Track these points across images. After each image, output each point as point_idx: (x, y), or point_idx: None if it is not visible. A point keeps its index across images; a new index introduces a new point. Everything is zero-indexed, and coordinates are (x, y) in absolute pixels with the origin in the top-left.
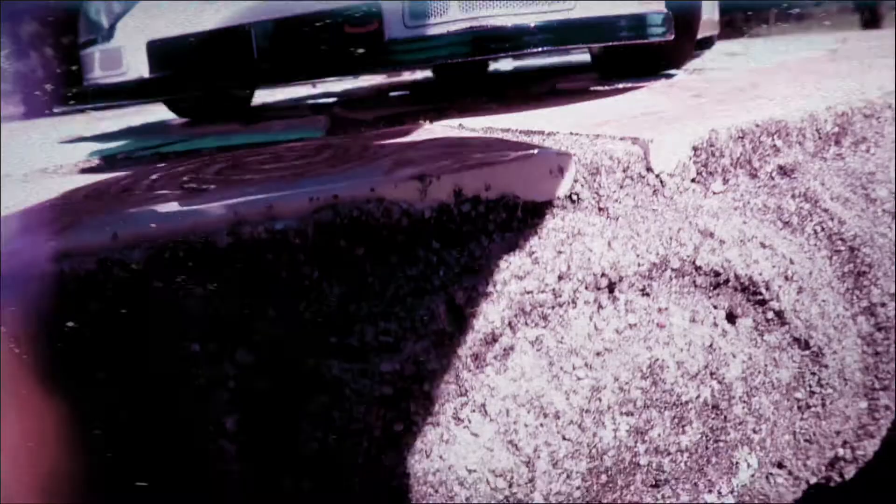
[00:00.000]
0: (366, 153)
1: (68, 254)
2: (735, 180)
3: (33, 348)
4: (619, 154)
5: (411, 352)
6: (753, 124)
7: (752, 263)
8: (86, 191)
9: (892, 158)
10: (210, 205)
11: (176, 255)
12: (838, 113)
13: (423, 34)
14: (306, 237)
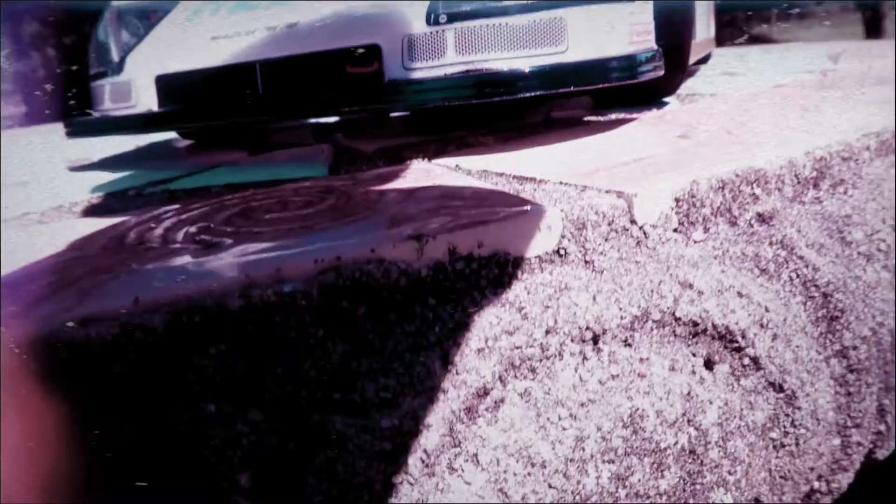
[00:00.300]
0: (367, 201)
1: (94, 318)
2: (715, 228)
3: (54, 410)
4: (604, 208)
5: (409, 407)
6: (733, 174)
7: (728, 313)
8: (104, 240)
9: (868, 200)
10: (222, 264)
11: (192, 319)
12: (816, 158)
13: (422, 76)
14: (312, 299)
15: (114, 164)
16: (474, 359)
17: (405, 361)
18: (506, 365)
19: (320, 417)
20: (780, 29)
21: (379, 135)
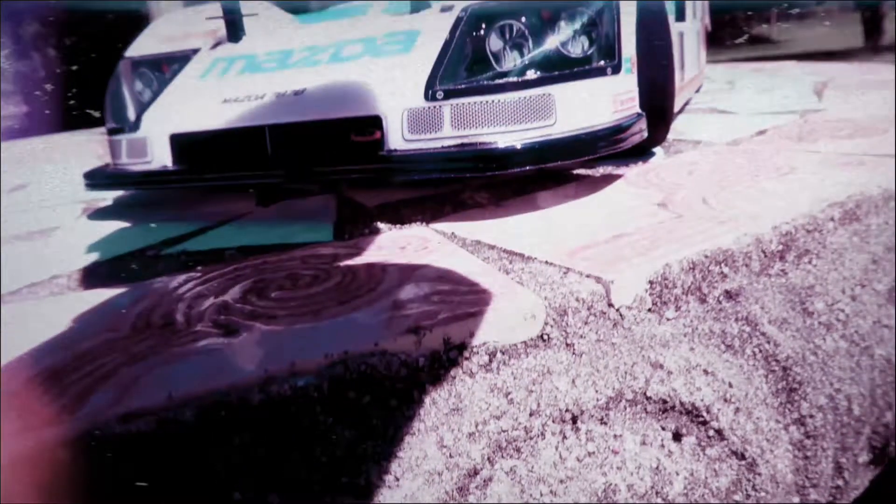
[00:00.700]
0: (370, 279)
1: (134, 415)
2: (686, 306)
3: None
4: (584, 295)
5: (409, 489)
6: (703, 255)
7: (695, 391)
8: (132, 317)
9: (830, 270)
10: (243, 355)
11: (218, 413)
12: (783, 232)
13: (420, 148)
14: (322, 391)
15: (129, 210)
16: (466, 442)
17: (405, 445)
18: (494, 447)
19: (331, 500)
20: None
21: (380, 185)
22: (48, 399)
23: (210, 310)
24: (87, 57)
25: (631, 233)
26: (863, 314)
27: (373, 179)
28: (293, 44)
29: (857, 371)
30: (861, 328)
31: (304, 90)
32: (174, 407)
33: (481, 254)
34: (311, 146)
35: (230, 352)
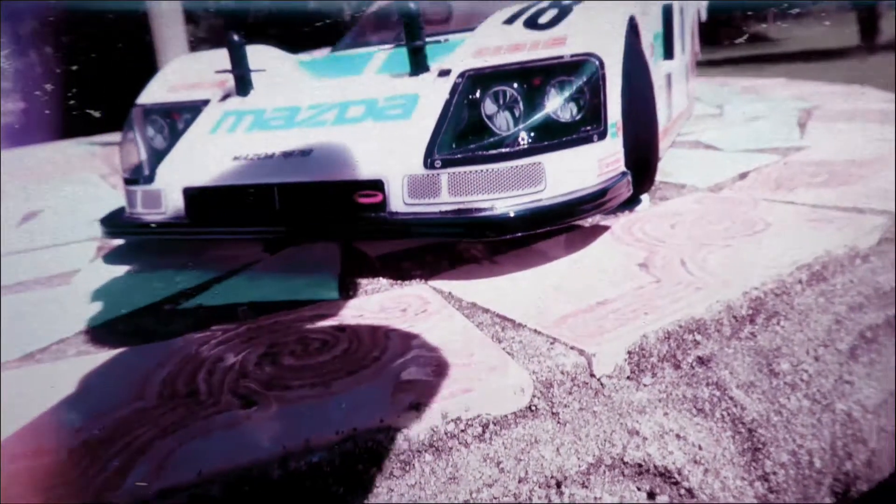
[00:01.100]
0: (374, 347)
1: (169, 491)
2: (661, 373)
3: None
4: (568, 367)
5: None
6: (678, 325)
7: (667, 455)
8: (157, 384)
9: (797, 331)
10: (263, 429)
11: (242, 488)
12: (752, 297)
13: (419, 211)
14: (334, 465)
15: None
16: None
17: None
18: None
19: None
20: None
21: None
22: (90, 470)
23: (229, 378)
24: (87, 57)
25: (613, 299)
26: (825, 373)
27: (375, 236)
28: (300, 100)
29: (819, 426)
30: (823, 386)
31: (312, 151)
32: (204, 483)
33: (476, 318)
34: (318, 205)
35: (251, 426)
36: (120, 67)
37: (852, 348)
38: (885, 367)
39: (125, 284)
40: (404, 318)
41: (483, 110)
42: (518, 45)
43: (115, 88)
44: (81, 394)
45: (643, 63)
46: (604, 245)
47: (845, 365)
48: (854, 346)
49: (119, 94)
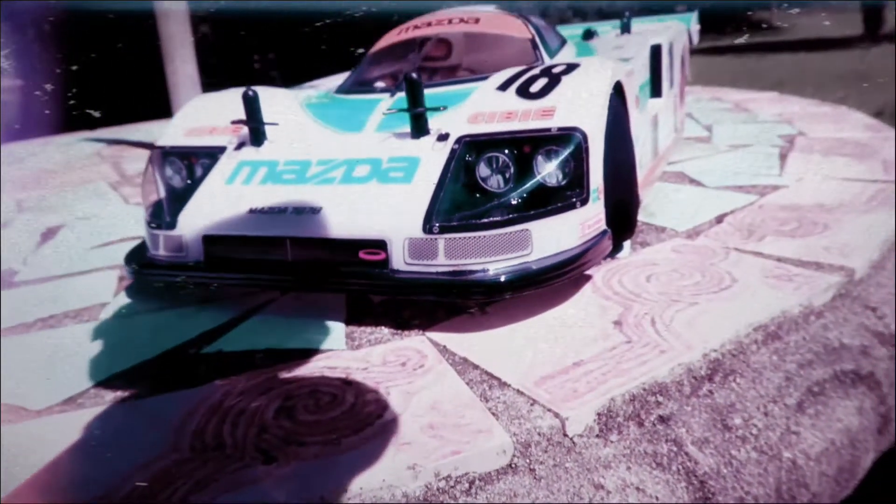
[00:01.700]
0: (377, 403)
1: None
2: (626, 431)
3: None
4: (545, 429)
5: None
6: (642, 388)
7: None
8: (188, 437)
9: (750, 388)
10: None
11: None
12: (711, 359)
13: (418, 272)
14: None
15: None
16: None
17: None
18: None
19: None
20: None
21: None
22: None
23: (251, 433)
24: (87, 56)
25: (588, 360)
26: (773, 426)
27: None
28: (309, 154)
29: (765, 475)
30: (771, 438)
31: (321, 209)
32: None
33: (467, 374)
34: (326, 258)
35: (273, 483)
36: (120, 67)
37: (799, 402)
38: (828, 418)
39: (151, 323)
40: (404, 373)
41: (478, 172)
42: (511, 113)
43: (114, 86)
44: (123, 442)
45: (626, 127)
46: (585, 298)
47: (792, 417)
48: (801, 401)
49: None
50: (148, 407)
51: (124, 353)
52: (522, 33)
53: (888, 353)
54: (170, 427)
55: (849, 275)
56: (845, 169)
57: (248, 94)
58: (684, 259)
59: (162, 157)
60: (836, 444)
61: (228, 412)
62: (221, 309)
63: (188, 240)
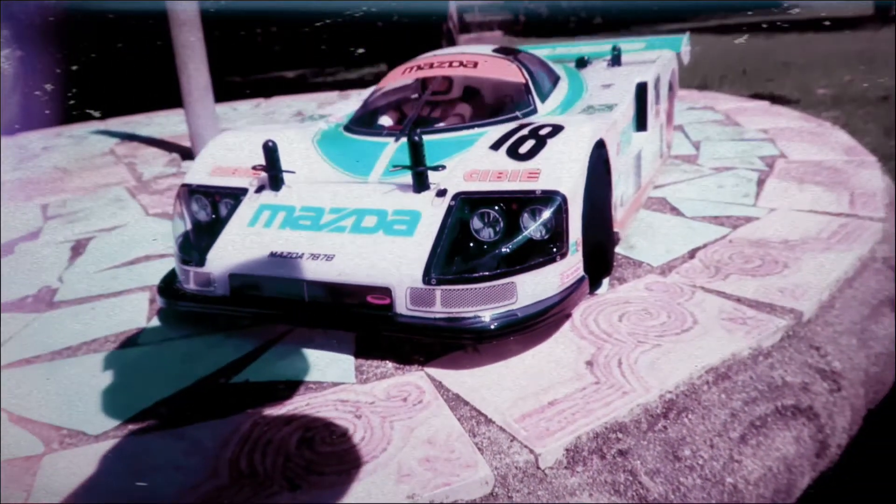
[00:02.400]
0: (384, 440)
1: None
2: (590, 463)
3: None
4: (521, 463)
5: None
6: (604, 427)
7: None
8: (226, 464)
9: (699, 423)
10: None
11: None
12: (666, 400)
13: (418, 316)
14: None
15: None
16: None
17: None
18: None
19: None
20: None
21: None
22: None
23: (279, 461)
24: (87, 57)
25: (561, 400)
26: (717, 457)
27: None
28: (323, 202)
29: (708, 498)
30: (714, 467)
31: (334, 256)
32: None
33: (459, 410)
34: (338, 300)
35: None
36: (120, 66)
37: (742, 435)
38: (768, 447)
39: (183, 350)
40: (405, 408)
41: (472, 225)
42: (501, 172)
43: (122, 77)
44: (170, 466)
45: (606, 178)
46: (564, 337)
47: (735, 448)
48: (744, 433)
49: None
50: (189, 434)
51: (164, 380)
52: (517, 78)
53: (828, 387)
54: (209, 454)
55: (797, 317)
56: (815, 200)
57: (268, 144)
58: (655, 298)
59: (189, 195)
60: (774, 470)
61: (258, 442)
62: (244, 338)
63: (216, 276)
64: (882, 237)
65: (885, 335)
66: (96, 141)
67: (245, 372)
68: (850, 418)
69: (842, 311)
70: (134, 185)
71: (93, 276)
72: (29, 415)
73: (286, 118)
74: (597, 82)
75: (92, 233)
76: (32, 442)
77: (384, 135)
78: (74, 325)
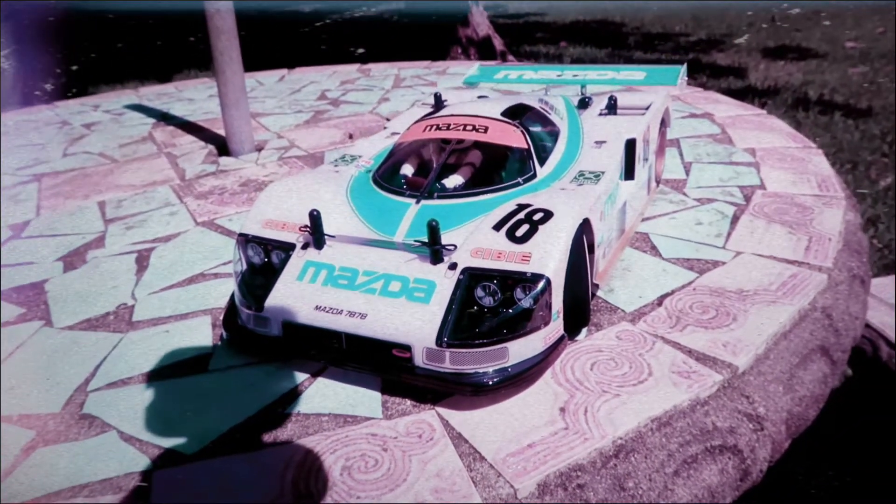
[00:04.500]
0: (403, 474)
1: None
2: (556, 494)
3: None
4: (503, 496)
5: None
6: (567, 467)
7: None
8: (290, 486)
9: (643, 461)
10: None
11: None
12: (617, 444)
13: (432, 370)
14: None
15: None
16: None
17: None
18: None
19: None
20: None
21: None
22: None
23: (329, 485)
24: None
25: (537, 443)
26: (654, 487)
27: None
28: (358, 265)
29: None
30: (651, 496)
31: (367, 315)
32: None
33: (461, 447)
34: (370, 351)
35: None
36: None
37: (676, 470)
38: (696, 479)
39: (247, 379)
40: (420, 444)
41: (476, 293)
42: (501, 253)
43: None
44: (248, 488)
45: (586, 248)
46: (545, 383)
47: (669, 480)
48: (677, 469)
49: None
50: (260, 458)
51: (234, 407)
52: (521, 144)
53: (753, 427)
54: (276, 476)
55: (733, 371)
56: (777, 243)
57: (313, 213)
58: (622, 347)
59: (245, 243)
60: (699, 496)
61: (311, 467)
62: (294, 371)
63: (271, 321)
64: (826, 286)
65: (811, 380)
66: (134, 119)
67: (296, 403)
68: (770, 450)
69: (774, 362)
70: (178, 184)
71: (161, 295)
72: (137, 434)
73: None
74: (591, 137)
75: (151, 243)
76: (142, 460)
77: (407, 195)
78: (154, 347)
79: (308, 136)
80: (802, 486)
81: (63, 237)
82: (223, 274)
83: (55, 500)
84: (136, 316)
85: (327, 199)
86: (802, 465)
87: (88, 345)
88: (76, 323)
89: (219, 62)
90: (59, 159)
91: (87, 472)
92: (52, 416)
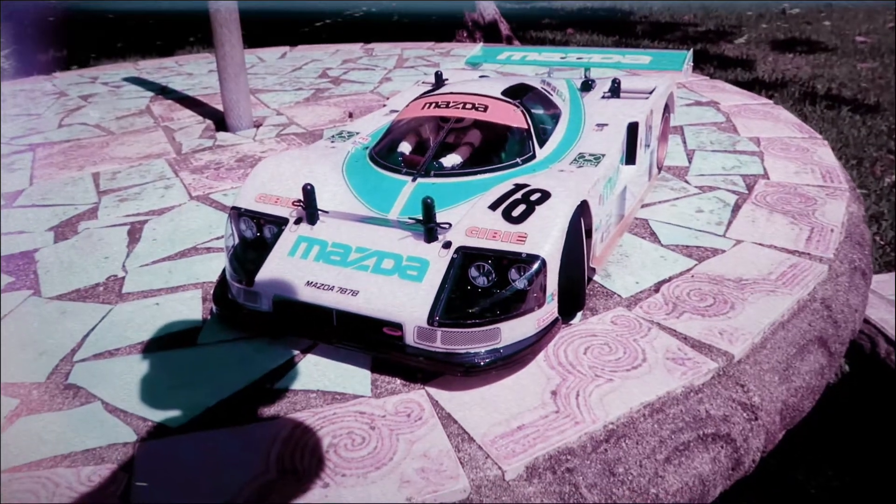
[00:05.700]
0: (391, 451)
1: None
2: (544, 477)
3: None
4: (491, 477)
5: None
6: (557, 450)
7: None
8: (275, 461)
9: (633, 447)
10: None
11: None
12: (609, 429)
13: (422, 349)
14: None
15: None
16: None
17: None
18: None
19: None
20: None
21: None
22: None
23: (314, 461)
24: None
25: (528, 425)
26: (645, 474)
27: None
28: (350, 241)
29: None
30: (642, 482)
31: (358, 292)
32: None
33: (449, 428)
34: (361, 327)
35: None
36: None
37: (667, 457)
38: (687, 466)
39: (236, 354)
40: (408, 423)
41: (469, 273)
42: (496, 233)
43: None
44: (233, 461)
45: (582, 237)
46: (537, 366)
47: (660, 467)
48: (669, 455)
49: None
50: (246, 433)
51: (223, 380)
52: (520, 124)
53: (747, 416)
54: (262, 451)
55: (729, 359)
56: (778, 233)
57: (306, 188)
58: (617, 332)
59: (238, 216)
60: (689, 484)
61: (297, 443)
62: (284, 347)
63: (262, 296)
64: (826, 277)
65: (808, 370)
66: (132, 92)
67: (285, 379)
68: (764, 440)
69: (771, 352)
70: (174, 158)
71: (152, 268)
72: (123, 406)
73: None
74: (592, 120)
75: (145, 216)
76: (126, 431)
77: (403, 172)
78: (143, 320)
79: (307, 114)
80: (802, 486)
81: (56, 207)
82: (216, 248)
83: (37, 468)
84: (126, 288)
85: (322, 174)
86: (802, 465)
87: (76, 315)
88: (65, 293)
89: (218, 34)
90: (55, 130)
91: (70, 441)
92: (36, 385)
